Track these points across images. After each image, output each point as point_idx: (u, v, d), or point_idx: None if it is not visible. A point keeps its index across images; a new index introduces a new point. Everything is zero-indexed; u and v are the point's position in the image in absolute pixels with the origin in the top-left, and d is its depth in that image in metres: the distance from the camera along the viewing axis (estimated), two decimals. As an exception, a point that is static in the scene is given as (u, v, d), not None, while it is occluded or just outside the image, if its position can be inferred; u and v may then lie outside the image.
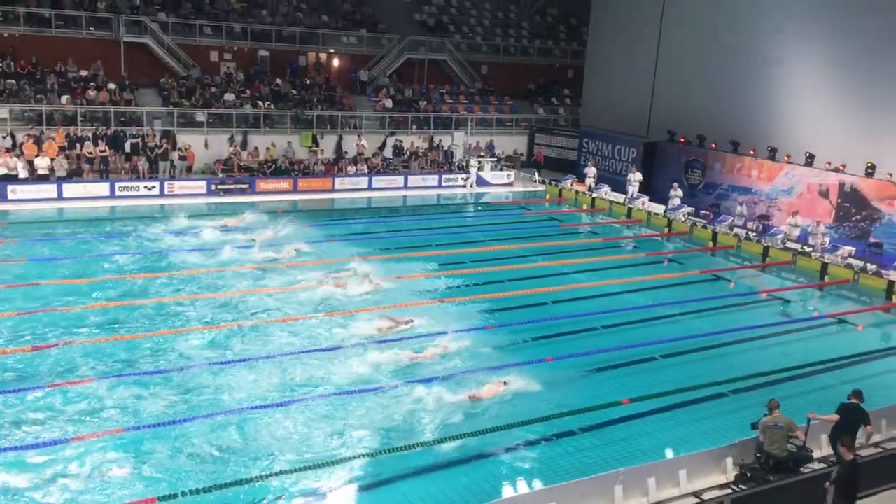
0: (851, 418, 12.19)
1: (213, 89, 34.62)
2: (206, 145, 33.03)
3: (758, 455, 12.00)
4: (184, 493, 11.12)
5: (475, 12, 46.57)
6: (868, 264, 24.44)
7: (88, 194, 28.71)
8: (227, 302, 18.86)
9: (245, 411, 13.54)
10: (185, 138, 32.48)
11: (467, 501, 10.97)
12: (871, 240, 26.19)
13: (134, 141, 31.28)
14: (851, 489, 10.64)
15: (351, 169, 34.29)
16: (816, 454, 12.53)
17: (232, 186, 31.18)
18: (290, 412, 13.65)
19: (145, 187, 29.72)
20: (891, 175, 26.01)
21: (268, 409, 13.73)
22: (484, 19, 46.45)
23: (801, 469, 11.80)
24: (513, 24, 47.10)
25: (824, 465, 12.09)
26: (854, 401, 12.37)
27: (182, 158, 31.62)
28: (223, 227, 25.44)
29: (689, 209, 30.71)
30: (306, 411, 13.71)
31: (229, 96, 34.48)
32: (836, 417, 12.34)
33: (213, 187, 30.80)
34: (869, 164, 26.79)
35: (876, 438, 13.06)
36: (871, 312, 22.11)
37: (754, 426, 12.21)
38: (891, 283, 23.21)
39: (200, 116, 33.32)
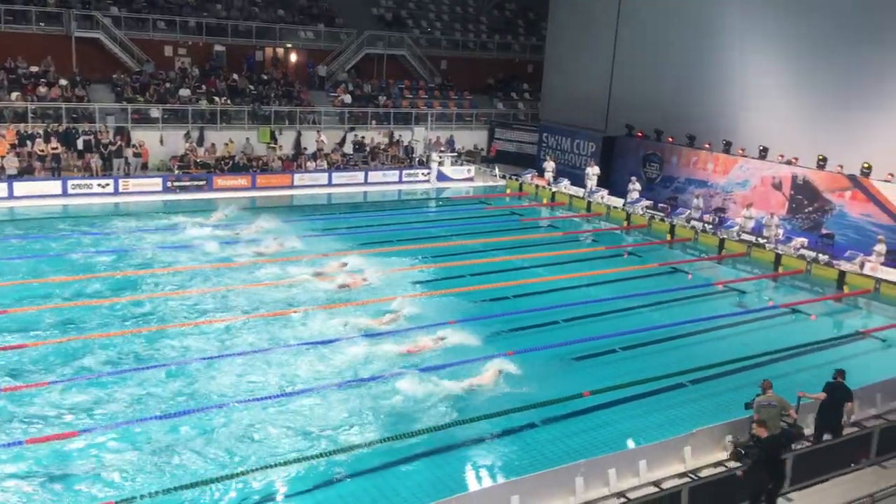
0: (837, 396, 12.82)
1: (167, 85, 34.05)
2: (161, 142, 32.49)
3: (751, 434, 12.12)
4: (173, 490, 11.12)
5: (433, 7, 46.50)
6: (820, 255, 24.97)
7: (40, 193, 28.07)
8: (217, 297, 18.99)
9: (227, 407, 13.63)
10: (139, 135, 31.90)
11: (429, 496, 10.95)
12: (823, 231, 26.74)
13: (86, 138, 30.63)
14: (777, 465, 10.83)
15: (310, 165, 34.01)
16: (806, 432, 13.00)
17: (188, 184, 30.73)
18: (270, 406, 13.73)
19: (99, 185, 29.14)
20: (841, 167, 26.59)
21: (252, 402, 13.83)
22: (442, 14, 46.40)
23: (793, 446, 12.25)
24: (471, 18, 47.13)
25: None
26: (839, 380, 12.98)
27: (136, 155, 31.05)
28: (203, 224, 25.38)
29: (648, 202, 31.07)
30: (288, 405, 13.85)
31: (184, 92, 33.95)
32: (823, 396, 12.92)
33: (168, 185, 30.32)
34: (820, 157, 27.34)
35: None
36: (823, 302, 22.60)
37: (748, 406, 12.61)
38: (842, 273, 23.76)
39: (155, 112, 32.73)
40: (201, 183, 30.96)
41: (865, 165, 25.90)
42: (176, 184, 30.48)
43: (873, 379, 14.89)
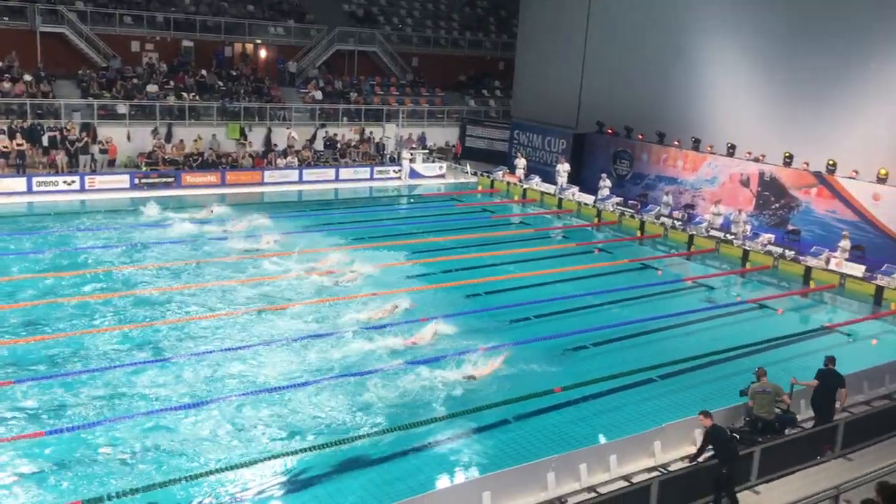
0: (829, 383, 13.27)
1: (134, 80, 33.58)
2: (128, 138, 32.03)
3: (747, 419, 12.81)
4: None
5: (405, 3, 46.39)
6: (787, 251, 25.33)
7: (4, 190, 27.58)
8: (215, 291, 19.21)
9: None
10: (105, 131, 31.42)
11: (400, 494, 10.94)
12: (790, 227, 27.13)
13: (52, 134, 30.13)
14: (726, 452, 11.03)
15: (281, 162, 33.77)
16: (799, 418, 13.51)
17: (156, 180, 30.37)
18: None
19: (64, 182, 28.71)
20: (807, 164, 26.98)
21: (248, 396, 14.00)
22: (414, 11, 46.30)
23: (786, 431, 12.74)
24: (443, 15, 47.10)
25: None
26: (829, 367, 13.40)
27: (103, 152, 30.62)
28: (192, 220, 25.55)
29: (618, 199, 31.29)
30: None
31: (152, 88, 33.50)
32: (815, 383, 13.36)
33: (136, 181, 29.96)
34: (787, 154, 27.73)
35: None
36: (789, 297, 22.92)
37: (743, 393, 13.08)
38: (808, 268, 24.12)
39: (122, 108, 32.26)
40: (169, 180, 30.62)
41: (830, 162, 26.31)
42: (144, 181, 30.10)
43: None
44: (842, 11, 26.93)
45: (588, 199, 31.78)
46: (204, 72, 35.72)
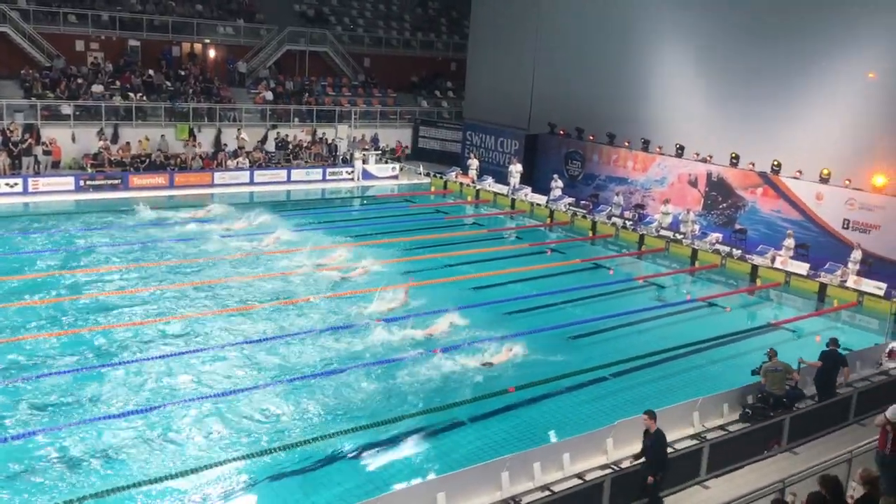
0: (832, 362, 14.50)
1: (79, 80, 32.80)
2: (73, 139, 31.29)
3: (759, 395, 13.87)
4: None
5: (356, 4, 46.18)
6: (734, 249, 25.86)
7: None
8: (232, 287, 19.91)
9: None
10: (49, 132, 30.67)
11: (356, 496, 10.87)
12: (737, 226, 27.69)
13: (-7, 135, 29.31)
14: (661, 457, 11.13)
15: (231, 163, 33.31)
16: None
17: (102, 182, 29.73)
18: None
19: (7, 185, 27.92)
20: (753, 165, 27.58)
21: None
22: (365, 11, 46.12)
23: (795, 406, 13.83)
24: (394, 16, 47.00)
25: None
26: (832, 347, 14.63)
27: (47, 153, 29.88)
28: (192, 219, 26.22)
29: (570, 200, 31.58)
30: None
31: (97, 88, 32.77)
32: (819, 363, 14.53)
33: (81, 184, 29.27)
34: (733, 155, 28.31)
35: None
36: (737, 295, 23.41)
37: (755, 372, 14.19)
38: (754, 266, 24.65)
39: (66, 109, 31.50)
40: (116, 182, 30.01)
41: (775, 163, 26.95)
42: (89, 183, 29.44)
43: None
44: (786, 14, 27.57)
45: (541, 199, 32.02)
46: (151, 72, 35.07)
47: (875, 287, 22.14)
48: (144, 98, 33.65)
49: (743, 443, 12.75)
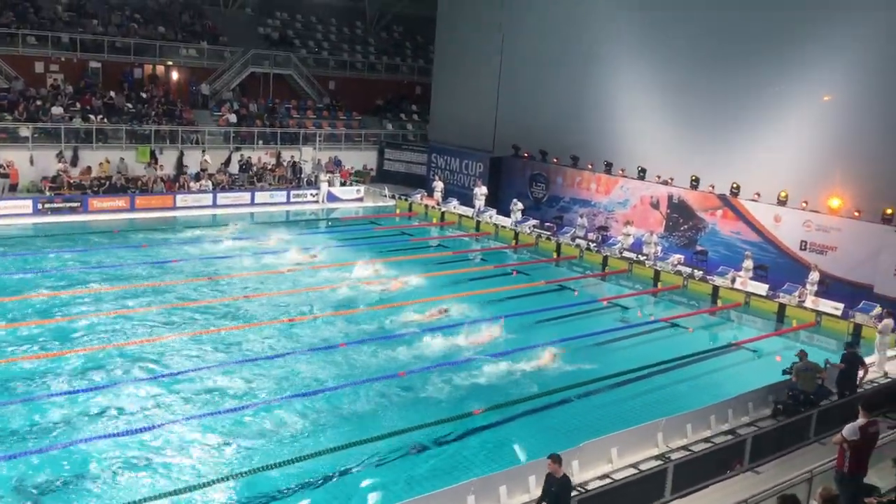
0: (853, 362, 15.90)
1: (38, 102, 32.32)
2: (31, 162, 30.76)
3: (790, 393, 15.21)
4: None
5: (321, 27, 46.29)
6: (695, 271, 26.20)
7: None
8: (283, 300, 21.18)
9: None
10: (7, 155, 30.11)
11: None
12: (698, 248, 28.09)
13: (-52, 158, 28.71)
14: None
15: (194, 185, 33.00)
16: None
17: (61, 205, 29.26)
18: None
19: (-38, 208, 27.34)
20: (713, 187, 28.06)
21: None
22: (330, 34, 46.24)
23: (821, 403, 15.04)
24: (359, 40, 47.18)
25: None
26: (851, 350, 16.24)
27: (4, 176, 29.33)
28: (220, 237, 27.53)
29: (535, 222, 31.79)
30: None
31: (57, 110, 32.30)
32: (843, 365, 15.85)
33: (39, 207, 28.76)
34: (693, 178, 28.79)
35: (706, 434, 14.02)
36: (699, 315, 23.67)
37: (786, 371, 15.63)
38: (715, 287, 25.00)
39: (25, 131, 31.00)
40: (75, 205, 29.57)
41: (734, 185, 27.44)
42: (48, 206, 28.97)
43: (745, 388, 15.65)
44: (744, 39, 28.13)
45: (506, 221, 32.18)
46: (112, 93, 34.69)
47: (833, 307, 22.55)
48: (105, 120, 33.25)
49: (706, 463, 12.84)
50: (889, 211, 23.34)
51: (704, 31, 29.57)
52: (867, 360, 17.35)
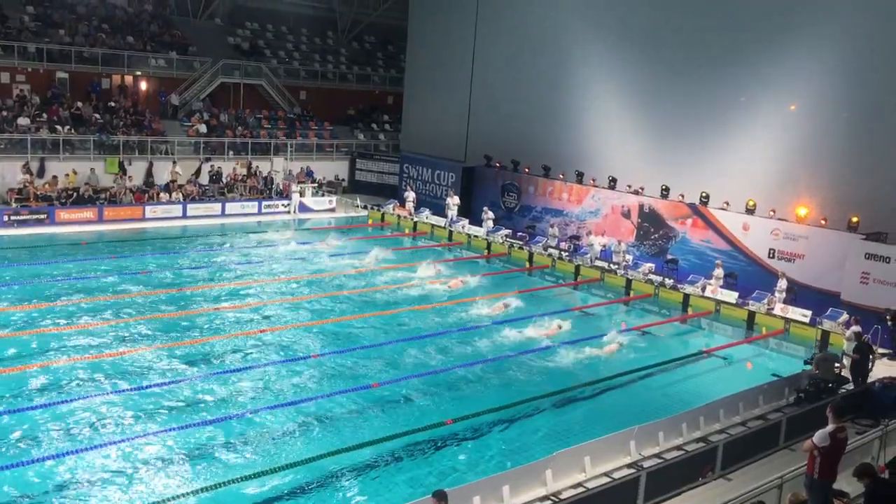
0: (864, 353, 17.33)
1: (4, 113, 31.83)
2: (-3, 173, 30.30)
3: (811, 382, 16.50)
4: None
5: (292, 38, 46.14)
6: (666, 279, 26.41)
7: None
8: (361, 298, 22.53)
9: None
10: (-29, 166, 29.64)
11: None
12: (669, 256, 28.32)
13: None
14: None
15: (163, 197, 32.65)
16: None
17: (27, 217, 28.82)
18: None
19: (-75, 220, 26.80)
20: (682, 196, 28.35)
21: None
22: (301, 45, 46.10)
23: (839, 390, 16.41)
24: (331, 50, 47.08)
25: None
26: (862, 341, 17.82)
27: (-32, 188, 28.82)
28: (283, 241, 29.57)
29: (507, 231, 31.87)
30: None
31: (23, 120, 31.83)
32: (857, 355, 17.27)
33: (5, 219, 28.29)
34: (664, 187, 29.06)
35: (678, 441, 14.09)
36: (670, 323, 23.84)
37: (807, 362, 17.30)
38: (686, 296, 25.21)
39: (-10, 142, 30.53)
40: (42, 217, 29.14)
41: (704, 194, 27.73)
42: (14, 218, 28.51)
43: (716, 395, 15.80)
44: (713, 49, 28.52)
45: (478, 231, 32.23)
46: (80, 104, 34.25)
47: (801, 314, 22.84)
48: (73, 131, 32.82)
49: (678, 470, 12.90)
50: (855, 219, 23.70)
51: (673, 43, 29.94)
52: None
